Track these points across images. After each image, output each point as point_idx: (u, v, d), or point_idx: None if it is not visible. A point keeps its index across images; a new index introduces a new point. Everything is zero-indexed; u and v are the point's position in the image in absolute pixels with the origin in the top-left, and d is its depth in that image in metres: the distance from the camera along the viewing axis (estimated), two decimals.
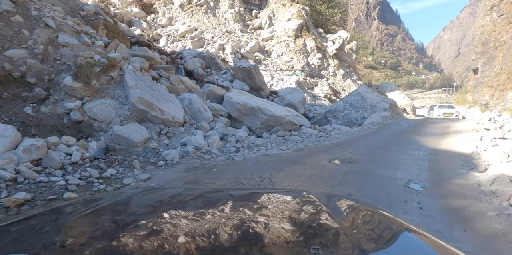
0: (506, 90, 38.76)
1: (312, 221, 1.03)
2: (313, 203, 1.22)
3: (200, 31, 18.60)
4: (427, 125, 10.79)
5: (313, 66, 18.10)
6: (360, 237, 0.87)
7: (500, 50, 46.01)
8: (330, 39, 19.75)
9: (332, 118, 10.32)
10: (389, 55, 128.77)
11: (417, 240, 0.95)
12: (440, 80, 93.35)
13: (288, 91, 10.66)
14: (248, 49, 17.27)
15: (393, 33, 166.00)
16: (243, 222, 0.95)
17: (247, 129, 8.46)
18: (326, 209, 1.10)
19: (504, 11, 47.04)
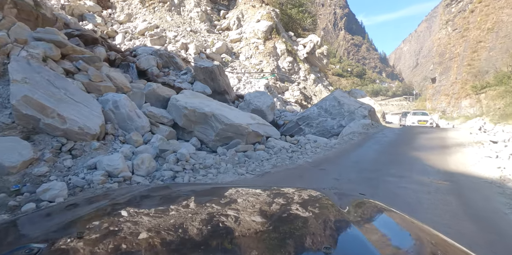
0: (461, 99, 41.36)
1: (322, 220, 1.03)
2: (324, 201, 1.23)
3: (162, 29, 17.02)
4: (417, 136, 9.61)
5: (284, 70, 17.29)
6: (372, 236, 0.86)
7: (455, 62, 49.38)
8: (301, 43, 19.15)
9: (305, 126, 9.19)
10: (355, 64, 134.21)
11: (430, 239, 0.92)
12: (401, 89, 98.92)
13: (255, 95, 9.42)
14: (214, 50, 16.04)
15: (358, 43, 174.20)
16: (251, 219, 0.95)
17: (198, 141, 6.84)
18: (337, 207, 1.11)
19: (458, 26, 50.71)
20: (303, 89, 17.02)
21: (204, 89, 9.30)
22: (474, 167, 5.40)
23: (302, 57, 18.48)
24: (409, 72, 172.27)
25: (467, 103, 39.23)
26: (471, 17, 48.20)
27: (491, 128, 9.82)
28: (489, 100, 35.98)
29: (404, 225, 1.06)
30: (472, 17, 47.91)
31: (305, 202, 1.23)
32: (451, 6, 53.54)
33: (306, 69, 18.45)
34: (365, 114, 9.68)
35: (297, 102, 15.26)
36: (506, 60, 36.87)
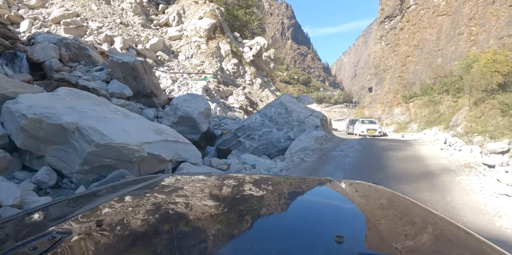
0: (393, 107, 45.10)
1: (334, 208, 1.02)
2: (338, 190, 1.21)
3: (84, 18, 14.27)
4: (385, 155, 7.81)
5: (228, 73, 15.92)
6: (385, 225, 0.86)
7: (388, 73, 54.02)
8: (247, 45, 18.04)
9: (245, 138, 7.59)
10: (301, 72, 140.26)
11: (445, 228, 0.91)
12: (342, 97, 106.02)
13: (185, 99, 7.52)
14: (148, 46, 13.90)
15: (304, 52, 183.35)
16: (266, 206, 0.96)
17: (53, 173, 4.25)
18: (350, 195, 1.12)
19: (390, 41, 55.73)
20: (249, 94, 15.85)
21: (122, 90, 7.33)
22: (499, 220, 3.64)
23: (248, 60, 17.36)
24: (348, 82, 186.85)
25: (399, 111, 42.87)
26: (401, 34, 53.44)
27: (454, 141, 9.54)
28: (416, 108, 39.74)
29: (418, 214, 1.04)
30: (402, 34, 53.12)
31: (316, 191, 1.26)
32: (384, 23, 58.50)
33: (252, 73, 17.39)
34: (317, 124, 8.35)
35: (242, 108, 13.96)
36: (429, 73, 41.27)
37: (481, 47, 38.19)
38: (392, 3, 55.12)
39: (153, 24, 17.17)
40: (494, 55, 29.45)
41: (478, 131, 25.07)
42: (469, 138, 25.32)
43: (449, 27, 44.41)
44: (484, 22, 39.99)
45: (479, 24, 40.72)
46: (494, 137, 23.31)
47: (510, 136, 22.47)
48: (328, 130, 10.17)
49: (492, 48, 33.57)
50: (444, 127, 31.13)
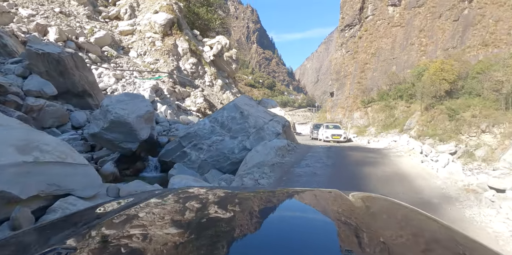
0: (353, 111, 46.84)
1: (342, 221, 1.01)
2: (345, 202, 1.19)
3: (13, 3, 12.18)
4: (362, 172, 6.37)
5: (186, 73, 14.70)
6: (394, 239, 0.85)
7: (348, 79, 56.23)
8: (208, 44, 16.95)
9: (191, 148, 6.32)
10: (266, 76, 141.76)
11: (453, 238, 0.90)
12: (306, 101, 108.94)
13: (119, 99, 6.08)
14: (93, 40, 12.23)
15: (269, 57, 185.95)
16: (274, 219, 0.97)
17: None
18: (358, 208, 1.10)
19: (350, 49, 58.17)
20: (208, 96, 14.80)
21: (43, 87, 5.87)
22: None
23: (208, 59, 16.30)
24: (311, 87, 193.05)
25: (358, 115, 44.60)
26: (360, 42, 56.02)
27: (428, 150, 9.09)
28: (374, 113, 41.62)
29: (434, 229, 1.01)
30: (361, 43, 55.70)
31: (323, 204, 1.25)
32: (345, 31, 60.85)
33: (213, 74, 16.35)
34: (278, 131, 7.19)
35: (200, 111, 12.86)
36: (385, 80, 43.56)
37: (430, 57, 41.27)
38: (351, 12, 57.65)
39: (102, 16, 15.39)
40: (441, 65, 31.72)
41: (429, 134, 26.66)
42: (422, 141, 26.79)
43: (402, 38, 47.48)
44: (432, 34, 43.36)
45: (428, 36, 44.05)
46: (443, 139, 24.87)
47: (456, 138, 24.08)
48: (291, 137, 9.07)
49: (439, 58, 36.34)
50: (399, 130, 32.81)
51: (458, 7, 40.06)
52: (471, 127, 23.45)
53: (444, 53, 39.57)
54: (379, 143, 15.07)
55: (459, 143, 23.51)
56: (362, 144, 16.25)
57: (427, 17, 44.20)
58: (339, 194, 1.28)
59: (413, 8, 46.22)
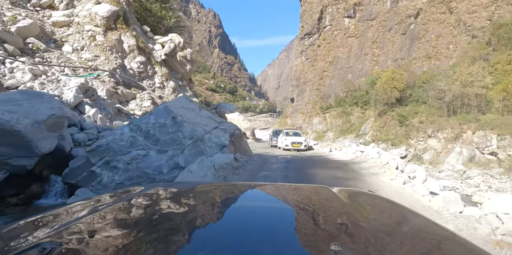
0: (312, 117, 47.93)
1: (331, 216, 1.03)
2: (334, 198, 1.22)
3: None
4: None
5: (132, 72, 13.13)
6: (381, 233, 0.86)
7: (308, 85, 57.68)
8: (159, 42, 15.48)
9: (102, 167, 4.71)
10: (228, 81, 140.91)
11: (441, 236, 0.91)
12: (267, 106, 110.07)
13: (7, 99, 4.46)
14: (14, 29, 10.24)
15: (231, 62, 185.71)
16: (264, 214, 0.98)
17: None
18: (346, 204, 1.12)
19: (309, 56, 59.90)
20: (158, 99, 13.37)
21: None
22: None
23: (159, 58, 14.85)
24: (273, 93, 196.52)
25: (317, 120, 45.70)
26: (318, 50, 57.97)
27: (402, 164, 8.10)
28: (332, 118, 42.92)
29: (417, 222, 1.03)
30: (319, 51, 57.66)
31: (311, 199, 1.26)
32: (304, 39, 62.59)
33: (164, 74, 14.94)
34: (223, 143, 5.74)
35: None
36: (342, 87, 45.31)
37: (382, 66, 43.93)
38: (311, 21, 59.58)
39: (31, 3, 13.21)
40: (392, 74, 33.70)
41: (382, 139, 27.89)
42: (377, 146, 27.89)
43: (357, 48, 50.10)
44: (383, 45, 46.34)
45: (379, 47, 46.99)
46: (395, 144, 26.10)
47: (406, 143, 25.40)
48: (243, 149, 7.36)
49: (390, 68, 38.78)
50: (355, 136, 34.06)
51: (406, 22, 43.31)
52: (419, 132, 24.90)
53: (394, 63, 42.39)
54: (343, 153, 13.01)
55: (409, 147, 24.79)
56: (324, 153, 14.80)
57: (379, 29, 47.17)
58: (327, 189, 1.33)
59: (367, 20, 49.04)
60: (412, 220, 1.05)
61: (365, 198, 1.30)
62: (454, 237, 0.88)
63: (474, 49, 31.71)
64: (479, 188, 15.80)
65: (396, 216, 1.10)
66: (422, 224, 0.99)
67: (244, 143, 7.61)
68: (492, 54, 27.65)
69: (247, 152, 7.69)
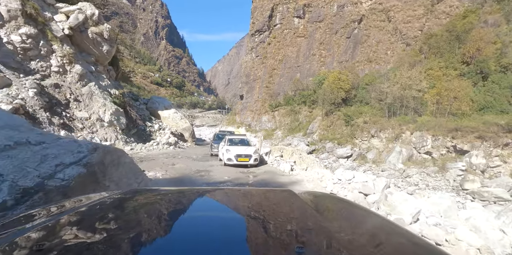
0: (261, 114, 46.88)
1: (295, 219, 1.04)
2: (297, 200, 1.22)
3: None
4: None
5: (11, 48, 9.48)
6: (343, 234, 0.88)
7: (257, 83, 56.55)
8: (62, 11, 11.67)
9: None
10: (175, 75, 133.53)
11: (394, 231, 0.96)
12: (216, 103, 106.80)
13: None
14: None
15: (179, 55, 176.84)
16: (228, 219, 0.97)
17: None
18: (309, 206, 1.13)
19: (259, 53, 58.76)
20: (51, 89, 10.00)
21: None
22: None
23: (59, 33, 11.23)
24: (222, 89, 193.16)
25: (266, 118, 44.79)
26: (269, 48, 57.25)
27: None
28: (281, 117, 42.34)
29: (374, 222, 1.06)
30: (269, 49, 56.97)
31: (276, 202, 1.27)
32: (255, 36, 61.27)
33: (66, 55, 11.48)
34: None
35: (21, 111, 8.07)
36: (291, 86, 45.09)
37: (328, 67, 44.77)
38: (261, 19, 58.47)
39: None
40: (339, 74, 34.07)
41: (329, 138, 27.74)
42: (323, 144, 27.63)
43: (306, 48, 50.48)
44: (330, 47, 47.33)
45: (326, 48, 47.91)
46: (341, 143, 26.02)
47: (352, 142, 25.46)
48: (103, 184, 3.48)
49: (335, 69, 39.54)
50: (303, 134, 33.70)
51: (350, 26, 44.71)
52: (363, 132, 25.12)
53: (339, 65, 43.50)
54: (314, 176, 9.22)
55: (354, 146, 24.84)
56: (284, 174, 10.13)
57: (326, 31, 48.02)
58: (291, 193, 1.34)
59: (315, 22, 49.60)
60: (370, 219, 1.08)
61: (328, 200, 1.32)
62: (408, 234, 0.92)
63: (409, 56, 33.79)
64: (418, 186, 15.85)
65: (355, 216, 1.13)
66: (379, 223, 1.04)
67: (123, 170, 4.13)
68: (424, 61, 29.55)
69: (127, 182, 3.97)
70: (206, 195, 1.32)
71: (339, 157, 24.21)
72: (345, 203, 1.28)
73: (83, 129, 12.58)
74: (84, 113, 13.02)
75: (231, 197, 1.34)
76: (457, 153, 17.65)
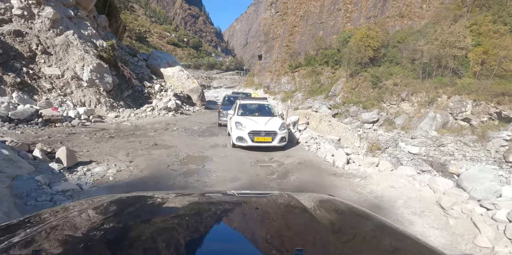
0: (281, 76, 44.96)
1: (295, 223, 1.04)
2: (297, 204, 1.22)
3: None
4: None
5: None
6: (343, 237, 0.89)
7: (277, 42, 53.33)
8: None
9: None
10: (191, 35, 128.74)
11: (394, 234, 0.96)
12: (234, 64, 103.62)
13: None
14: None
15: (195, 14, 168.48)
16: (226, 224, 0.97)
17: None
18: (309, 209, 1.12)
19: (279, 9, 54.36)
20: (11, 37, 8.88)
21: None
22: None
23: None
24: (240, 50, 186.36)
25: (285, 80, 42.99)
26: (289, 3, 52.67)
27: None
28: (301, 78, 40.41)
29: (375, 225, 1.06)
30: (290, 3, 52.43)
31: (276, 205, 1.27)
32: None
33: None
34: None
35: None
36: (312, 44, 42.10)
37: (354, 24, 40.85)
38: None
39: None
40: (367, 31, 31.00)
41: (353, 101, 26.23)
42: (346, 108, 26.31)
43: (330, 2, 45.81)
44: (357, 1, 42.65)
45: (353, 2, 43.23)
46: (366, 107, 24.58)
47: (379, 106, 23.96)
48: None
49: (362, 26, 35.93)
50: (324, 97, 32.15)
51: None
52: (392, 95, 23.41)
53: (367, 21, 39.50)
54: (399, 180, 4.84)
55: (381, 110, 23.43)
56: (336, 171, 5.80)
57: None
58: (290, 196, 1.34)
59: None
60: (370, 222, 1.07)
61: (328, 203, 1.31)
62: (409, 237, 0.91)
63: (448, 9, 29.78)
64: (454, 156, 14.69)
65: (355, 219, 1.12)
66: (379, 226, 1.02)
67: None
68: (466, 16, 25.83)
69: None
70: (203, 199, 1.31)
71: (364, 122, 23.03)
72: (345, 206, 1.27)
73: (51, 90, 10.17)
74: (55, 69, 10.51)
75: (229, 200, 1.34)
76: (501, 120, 16.01)
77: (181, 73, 15.10)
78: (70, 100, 10.40)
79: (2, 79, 8.80)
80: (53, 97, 9.95)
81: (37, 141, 6.11)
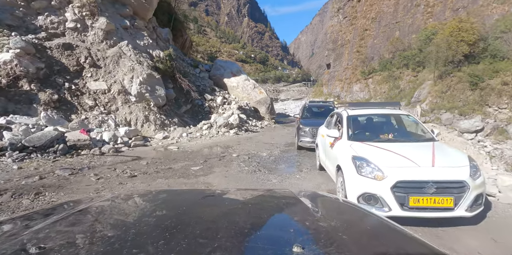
0: (352, 84, 42.08)
1: (294, 219, 1.06)
2: (296, 201, 1.24)
3: None
4: None
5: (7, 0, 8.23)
6: (342, 235, 0.89)
7: (346, 48, 50.65)
8: None
9: None
10: (258, 50, 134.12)
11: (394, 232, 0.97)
12: (300, 75, 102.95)
13: None
14: None
15: (261, 31, 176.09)
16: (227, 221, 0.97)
17: None
18: (308, 206, 1.16)
19: (347, 14, 51.95)
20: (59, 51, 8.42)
21: None
22: None
23: None
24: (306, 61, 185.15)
25: (358, 88, 40.06)
26: (358, 6, 49.90)
27: None
28: (376, 84, 36.92)
29: (374, 223, 1.07)
30: (359, 6, 49.62)
31: (275, 202, 1.28)
32: None
33: (87, 5, 9.22)
34: None
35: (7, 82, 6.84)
36: (388, 47, 38.34)
37: (438, 19, 35.70)
38: None
39: None
40: (459, 24, 26.39)
41: (445, 107, 22.13)
42: (436, 115, 22.35)
43: None
44: None
45: None
46: (464, 113, 20.36)
47: (482, 111, 19.56)
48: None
49: (447, 20, 30.99)
50: (406, 103, 28.33)
51: None
52: (501, 97, 18.88)
53: (454, 14, 34.05)
54: None
55: (486, 116, 19.03)
56: None
57: None
58: (290, 193, 1.34)
59: None
60: (370, 221, 1.09)
61: (328, 201, 1.34)
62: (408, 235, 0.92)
63: None
64: None
65: (355, 217, 1.13)
66: (379, 224, 1.04)
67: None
68: None
69: None
70: (204, 196, 1.31)
71: (463, 132, 18.96)
72: (345, 204, 1.28)
73: (93, 107, 8.96)
74: (101, 84, 9.36)
75: (229, 198, 1.35)
76: None
77: (246, 83, 13.74)
78: (113, 119, 9.15)
79: (36, 97, 7.69)
80: (93, 116, 8.83)
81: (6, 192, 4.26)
